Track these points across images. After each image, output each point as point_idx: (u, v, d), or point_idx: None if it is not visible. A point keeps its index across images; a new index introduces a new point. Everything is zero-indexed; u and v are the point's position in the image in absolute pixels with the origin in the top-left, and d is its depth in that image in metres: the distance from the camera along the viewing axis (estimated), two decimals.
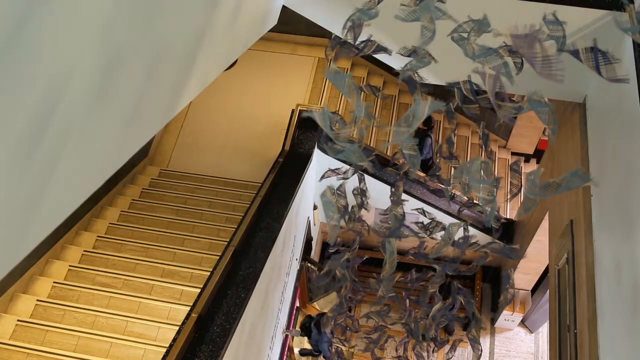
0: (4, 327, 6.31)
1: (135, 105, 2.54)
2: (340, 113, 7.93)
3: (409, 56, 3.08)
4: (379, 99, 9.98)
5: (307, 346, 9.42)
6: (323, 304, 9.73)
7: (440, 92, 3.87)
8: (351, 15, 2.83)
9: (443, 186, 7.43)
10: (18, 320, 6.37)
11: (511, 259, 3.50)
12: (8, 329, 6.30)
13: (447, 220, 3.98)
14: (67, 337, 6.29)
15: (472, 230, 3.95)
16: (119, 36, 2.10)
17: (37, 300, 6.64)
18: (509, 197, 3.28)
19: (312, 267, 8.98)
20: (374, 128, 10.10)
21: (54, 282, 6.90)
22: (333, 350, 5.49)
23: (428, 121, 8.86)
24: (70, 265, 7.21)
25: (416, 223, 4.02)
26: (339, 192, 3.83)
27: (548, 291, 6.83)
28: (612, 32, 4.00)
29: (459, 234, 3.72)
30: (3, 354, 6.07)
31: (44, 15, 1.58)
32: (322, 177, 4.18)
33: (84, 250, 7.52)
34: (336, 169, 4.34)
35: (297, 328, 8.50)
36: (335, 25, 3.00)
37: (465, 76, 3.09)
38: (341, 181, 3.97)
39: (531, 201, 2.40)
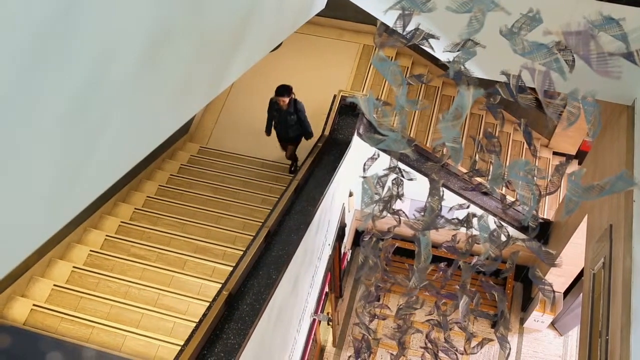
0: (40, 291, 6.49)
1: (181, 81, 2.56)
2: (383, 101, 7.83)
3: (457, 51, 3.03)
4: (423, 85, 9.86)
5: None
6: None
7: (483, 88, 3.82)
8: (399, 0, 2.78)
9: (481, 179, 7.35)
10: (54, 285, 6.54)
11: (544, 262, 3.43)
12: (44, 293, 6.48)
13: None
14: (100, 304, 6.44)
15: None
16: (169, 12, 2.12)
17: (74, 267, 6.80)
18: (544, 192, 3.21)
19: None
20: (415, 119, 10.04)
21: (91, 251, 7.06)
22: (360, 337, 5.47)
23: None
24: (107, 235, 7.36)
25: (451, 220, 3.98)
26: (380, 182, 3.81)
27: (581, 295, 6.73)
28: None
29: (492, 225, 3.66)
30: (38, 316, 6.24)
31: None
32: (364, 169, 4.16)
33: (121, 222, 7.66)
34: (372, 155, 4.32)
35: None
36: (383, 12, 2.96)
37: (512, 72, 3.03)
38: (385, 172, 3.95)
39: (574, 203, 2.35)
